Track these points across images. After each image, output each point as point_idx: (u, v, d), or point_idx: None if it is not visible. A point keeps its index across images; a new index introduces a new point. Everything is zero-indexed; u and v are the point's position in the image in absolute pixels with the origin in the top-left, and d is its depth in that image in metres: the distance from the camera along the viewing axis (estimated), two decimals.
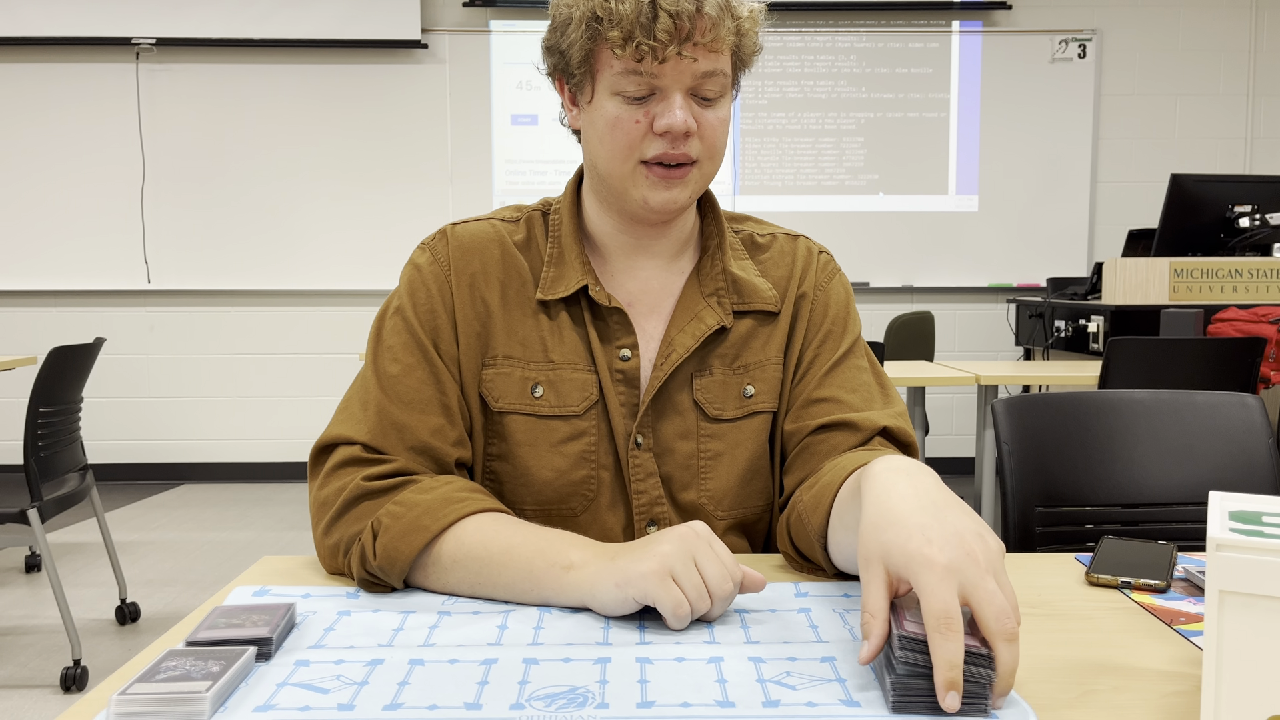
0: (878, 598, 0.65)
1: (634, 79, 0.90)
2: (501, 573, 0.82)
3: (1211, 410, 1.41)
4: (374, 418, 0.93)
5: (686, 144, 0.92)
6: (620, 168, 0.94)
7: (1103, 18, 4.92)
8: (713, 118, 0.94)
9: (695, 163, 0.94)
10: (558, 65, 0.97)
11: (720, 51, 0.91)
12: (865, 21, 4.90)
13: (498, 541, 0.83)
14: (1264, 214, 3.33)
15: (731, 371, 1.01)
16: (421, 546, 0.83)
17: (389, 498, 0.88)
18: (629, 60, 0.89)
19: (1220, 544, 0.58)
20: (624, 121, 0.92)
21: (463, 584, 0.84)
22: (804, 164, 4.95)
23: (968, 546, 0.64)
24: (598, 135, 0.95)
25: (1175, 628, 0.77)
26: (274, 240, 4.84)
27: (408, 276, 1.00)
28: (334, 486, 0.91)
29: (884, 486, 0.72)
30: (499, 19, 4.83)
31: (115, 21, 4.67)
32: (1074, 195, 4.97)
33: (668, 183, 0.94)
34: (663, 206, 0.95)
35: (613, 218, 1.02)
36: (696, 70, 0.90)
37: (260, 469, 4.95)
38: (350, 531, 0.88)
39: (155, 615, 2.94)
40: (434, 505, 0.86)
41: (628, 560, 0.77)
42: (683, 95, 0.91)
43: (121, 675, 0.66)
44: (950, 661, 0.59)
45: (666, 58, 0.88)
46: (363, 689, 0.65)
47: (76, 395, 2.69)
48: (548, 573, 0.80)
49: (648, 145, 0.92)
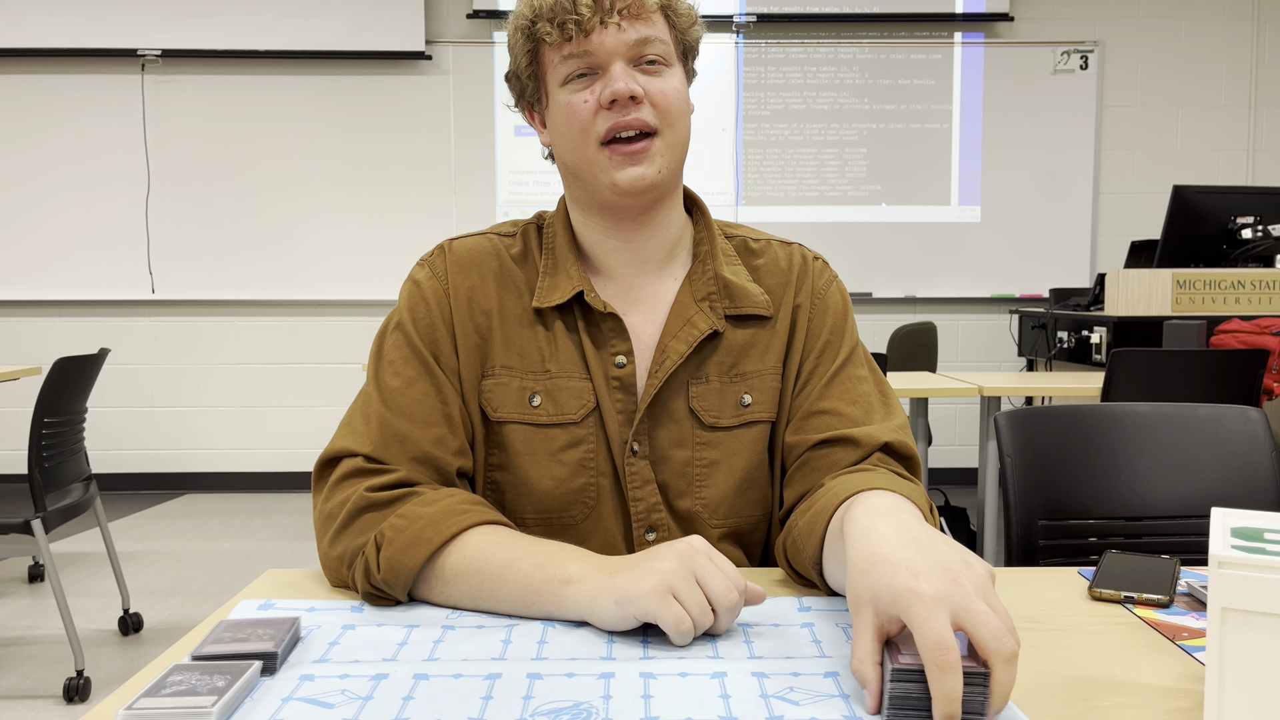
0: (865, 644, 0.66)
1: (572, 61, 0.95)
2: (502, 586, 0.82)
3: (1214, 423, 1.41)
4: (376, 430, 0.94)
5: (638, 109, 0.94)
6: (583, 154, 0.97)
7: (1104, 29, 4.93)
8: (661, 85, 0.96)
9: (656, 134, 0.96)
10: (517, 89, 1.04)
11: (648, 18, 0.95)
12: (868, 33, 4.92)
13: (499, 554, 0.84)
14: (1266, 225, 3.34)
15: (728, 380, 1.02)
16: (425, 559, 0.84)
17: (392, 510, 0.88)
18: (561, 44, 0.95)
19: (1222, 561, 0.58)
20: (574, 104, 0.96)
21: (464, 597, 0.84)
22: (807, 175, 4.96)
23: (954, 575, 0.64)
24: (559, 133, 0.99)
25: (1178, 643, 0.77)
26: (277, 251, 4.86)
27: (407, 292, 1.02)
28: (338, 499, 0.91)
29: (865, 530, 0.73)
30: (503, 30, 4.85)
31: (121, 33, 4.70)
32: (1076, 206, 4.98)
33: (632, 158, 0.95)
34: (631, 185, 0.96)
35: (597, 221, 1.02)
36: (628, 39, 0.94)
37: (263, 479, 4.95)
38: (354, 544, 0.88)
39: (158, 626, 2.94)
40: (437, 518, 0.86)
41: (627, 578, 0.77)
42: (622, 66, 0.95)
43: (128, 688, 0.66)
44: (949, 696, 0.59)
45: (591, 29, 0.93)
46: (367, 703, 0.65)
47: (81, 406, 2.69)
48: (547, 587, 0.80)
49: (600, 122, 0.95)
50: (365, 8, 4.73)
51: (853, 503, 0.81)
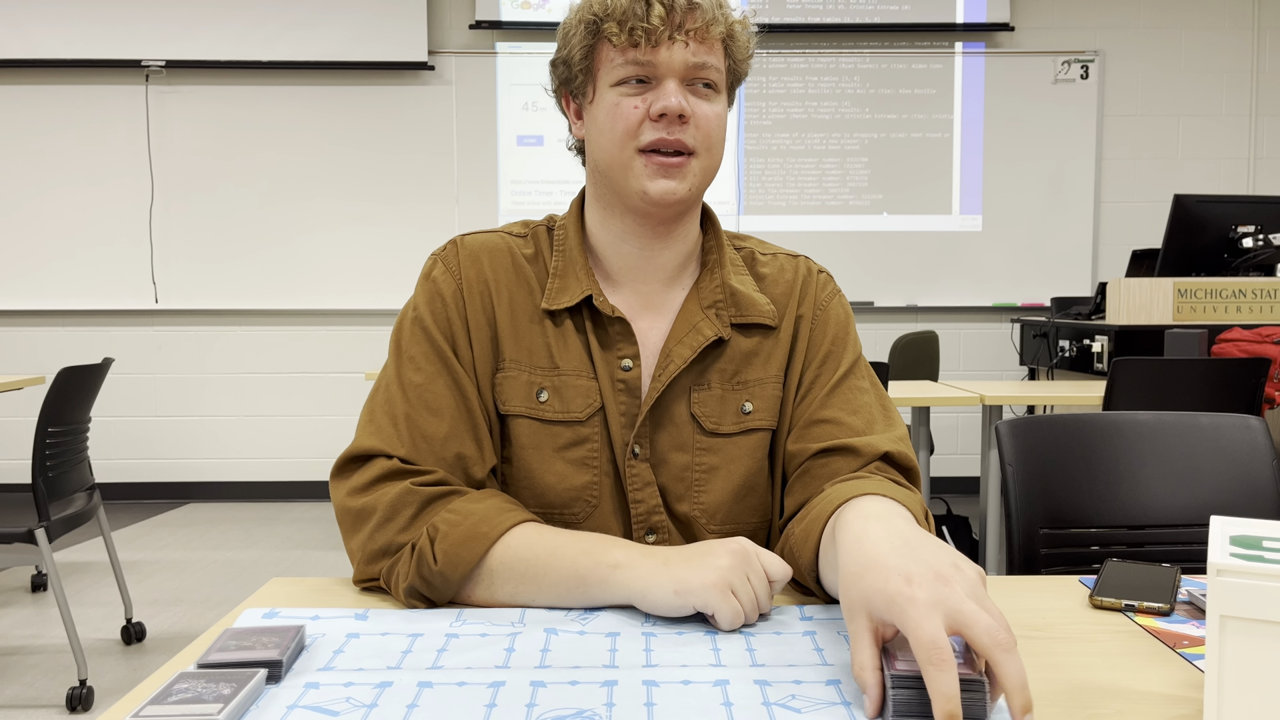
0: (864, 649, 0.67)
1: (631, 67, 0.96)
2: (548, 575, 0.85)
3: (1215, 432, 1.41)
4: (405, 431, 0.95)
5: (682, 130, 0.96)
6: (620, 155, 0.97)
7: (1105, 39, 4.95)
8: (708, 110, 0.98)
9: (693, 154, 0.97)
10: (562, 77, 1.03)
11: (711, 44, 0.97)
12: (869, 43, 4.94)
13: (543, 545, 0.86)
14: (1267, 234, 3.34)
15: (730, 387, 1.03)
16: (483, 553, 0.86)
17: (443, 505, 0.90)
18: (625, 48, 0.95)
19: (1221, 569, 0.59)
20: (623, 107, 0.96)
21: (511, 592, 0.86)
22: (808, 184, 4.97)
23: (945, 578, 0.66)
24: (599, 129, 0.99)
25: (1179, 651, 0.78)
26: (280, 260, 4.87)
27: (422, 286, 1.03)
28: (376, 494, 0.92)
29: (857, 534, 0.75)
30: (505, 41, 4.87)
31: (125, 44, 4.72)
32: (1078, 215, 4.99)
33: (666, 171, 0.97)
34: (661, 197, 0.97)
35: (615, 225, 1.03)
36: (689, 59, 0.95)
37: (265, 488, 4.96)
38: (401, 539, 0.89)
39: (161, 635, 2.94)
40: (490, 513, 0.88)
41: (686, 570, 0.81)
42: (677, 83, 0.96)
43: (133, 698, 0.67)
44: (946, 694, 0.60)
45: (659, 41, 0.94)
46: (372, 711, 0.65)
47: (85, 415, 2.70)
48: (594, 571, 0.84)
49: (645, 131, 0.96)
50: (368, 19, 4.75)
51: (845, 508, 0.83)
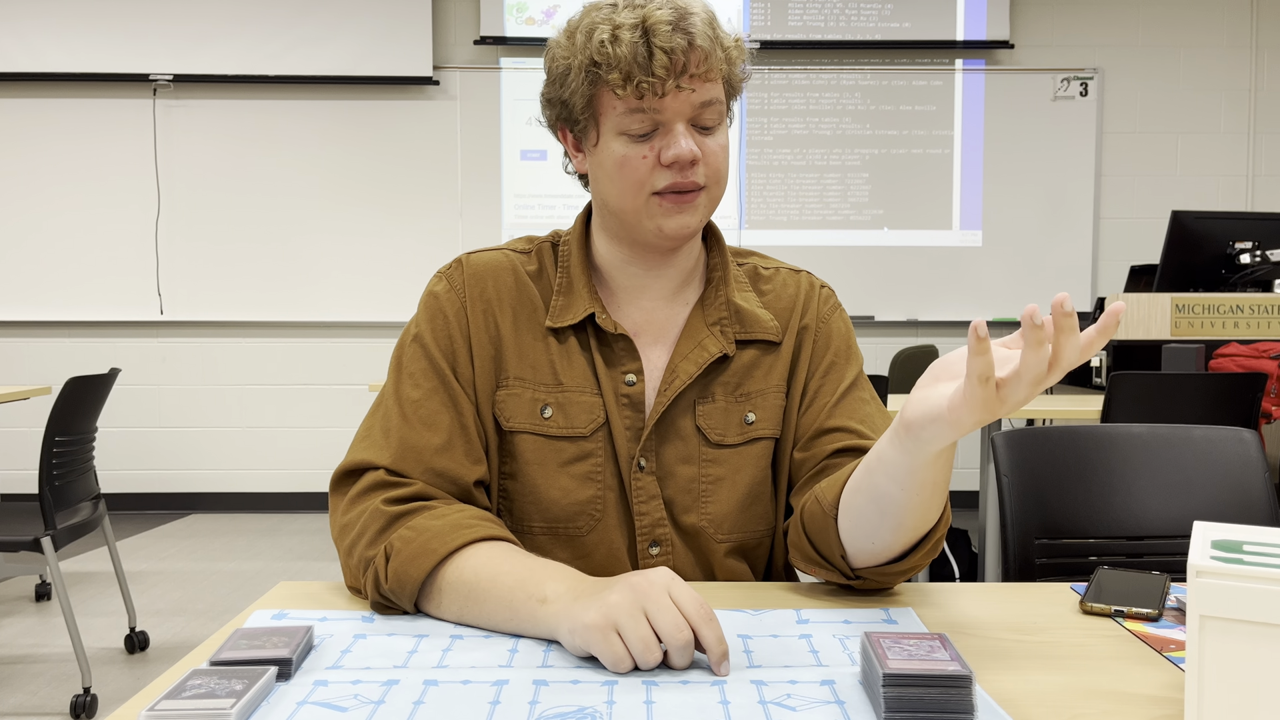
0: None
1: (637, 117, 0.95)
2: (485, 601, 0.84)
3: (1208, 445, 1.43)
4: (395, 443, 0.97)
5: (694, 172, 0.97)
6: (633, 203, 0.99)
7: (1104, 57, 4.98)
8: (714, 144, 0.99)
9: (703, 188, 0.99)
10: (560, 115, 1.02)
11: (714, 80, 0.97)
12: (870, 60, 4.98)
13: (487, 569, 0.85)
14: (1265, 250, 3.37)
15: (734, 399, 1.05)
16: (428, 570, 0.86)
17: (403, 522, 0.91)
18: (631, 99, 0.94)
19: (1200, 570, 0.61)
20: (632, 159, 0.96)
21: (462, 612, 0.85)
22: (809, 199, 5.01)
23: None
24: (607, 176, 0.99)
25: (1165, 654, 0.80)
26: (286, 273, 4.90)
27: (425, 304, 1.04)
28: (357, 510, 0.94)
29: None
30: (509, 56, 4.92)
31: (133, 58, 4.77)
32: (1077, 231, 5.01)
33: (680, 207, 0.98)
34: (676, 232, 0.99)
35: (622, 250, 1.05)
36: (695, 101, 0.95)
37: (269, 499, 4.97)
38: (368, 554, 0.91)
39: (164, 644, 2.95)
40: (444, 530, 0.88)
41: (580, 606, 0.77)
42: (684, 126, 0.96)
43: (137, 702, 0.68)
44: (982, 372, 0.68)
45: (666, 92, 0.93)
46: (379, 708, 0.67)
47: (91, 425, 2.72)
48: (525, 605, 0.82)
49: (657, 178, 0.97)
50: (374, 34, 4.80)
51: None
